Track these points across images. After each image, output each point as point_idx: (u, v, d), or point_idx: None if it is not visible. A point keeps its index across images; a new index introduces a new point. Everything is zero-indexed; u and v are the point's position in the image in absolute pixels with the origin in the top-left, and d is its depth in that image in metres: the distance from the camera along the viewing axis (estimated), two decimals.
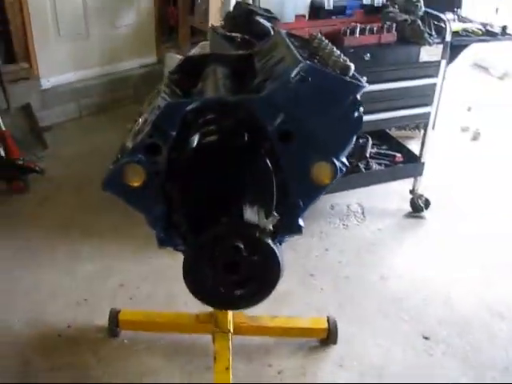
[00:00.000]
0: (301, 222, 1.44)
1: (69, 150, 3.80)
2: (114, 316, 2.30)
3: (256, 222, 1.26)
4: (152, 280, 2.65)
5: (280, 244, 1.39)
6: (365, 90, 1.39)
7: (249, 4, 2.72)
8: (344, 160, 1.38)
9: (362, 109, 1.36)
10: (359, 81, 1.36)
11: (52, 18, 4.03)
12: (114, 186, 1.36)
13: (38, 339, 2.31)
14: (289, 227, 1.46)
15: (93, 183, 3.37)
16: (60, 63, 4.17)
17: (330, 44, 1.46)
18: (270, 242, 1.28)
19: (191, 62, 1.79)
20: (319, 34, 1.57)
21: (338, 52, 1.44)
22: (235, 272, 1.34)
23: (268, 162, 1.35)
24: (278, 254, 1.30)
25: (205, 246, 1.30)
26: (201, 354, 2.23)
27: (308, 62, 1.34)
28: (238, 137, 1.34)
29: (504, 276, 2.79)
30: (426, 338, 2.39)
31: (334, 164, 1.34)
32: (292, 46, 1.45)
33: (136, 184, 1.34)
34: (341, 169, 1.35)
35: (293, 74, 1.31)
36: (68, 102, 4.18)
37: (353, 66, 1.34)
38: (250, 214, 1.26)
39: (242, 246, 1.28)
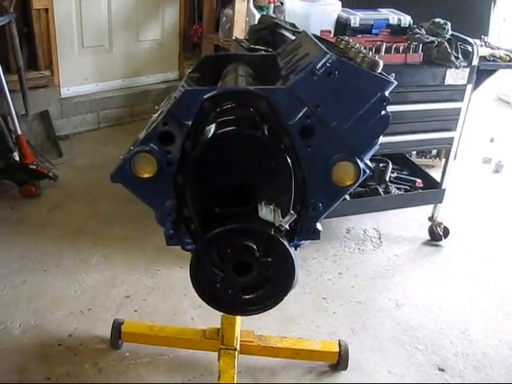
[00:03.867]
0: (319, 226, 1.35)
1: (84, 159, 3.78)
2: (117, 327, 2.22)
3: (271, 220, 1.18)
4: (159, 293, 2.58)
5: (295, 249, 1.30)
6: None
7: (274, 17, 2.68)
8: (368, 162, 1.30)
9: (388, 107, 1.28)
10: (388, 78, 1.28)
11: (77, 29, 4.06)
12: (123, 176, 1.29)
13: (38, 347, 2.23)
14: (306, 231, 1.37)
15: (106, 194, 3.36)
16: (81, 74, 4.19)
17: (357, 44, 1.40)
18: (285, 242, 1.19)
19: (211, 61, 1.73)
20: (346, 37, 1.51)
21: (366, 51, 1.37)
22: (246, 274, 1.25)
23: (287, 158, 1.27)
24: (293, 255, 1.21)
25: (214, 242, 1.22)
26: (205, 372, 2.16)
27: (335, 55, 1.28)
28: (257, 129, 1.26)
29: None
30: (442, 370, 2.27)
31: (358, 165, 1.26)
32: (319, 43, 1.38)
33: (147, 175, 1.28)
34: (364, 171, 1.26)
35: (318, 66, 1.25)
36: (87, 113, 4.18)
37: (381, 63, 1.28)
38: (266, 212, 1.18)
39: (254, 246, 1.20)
